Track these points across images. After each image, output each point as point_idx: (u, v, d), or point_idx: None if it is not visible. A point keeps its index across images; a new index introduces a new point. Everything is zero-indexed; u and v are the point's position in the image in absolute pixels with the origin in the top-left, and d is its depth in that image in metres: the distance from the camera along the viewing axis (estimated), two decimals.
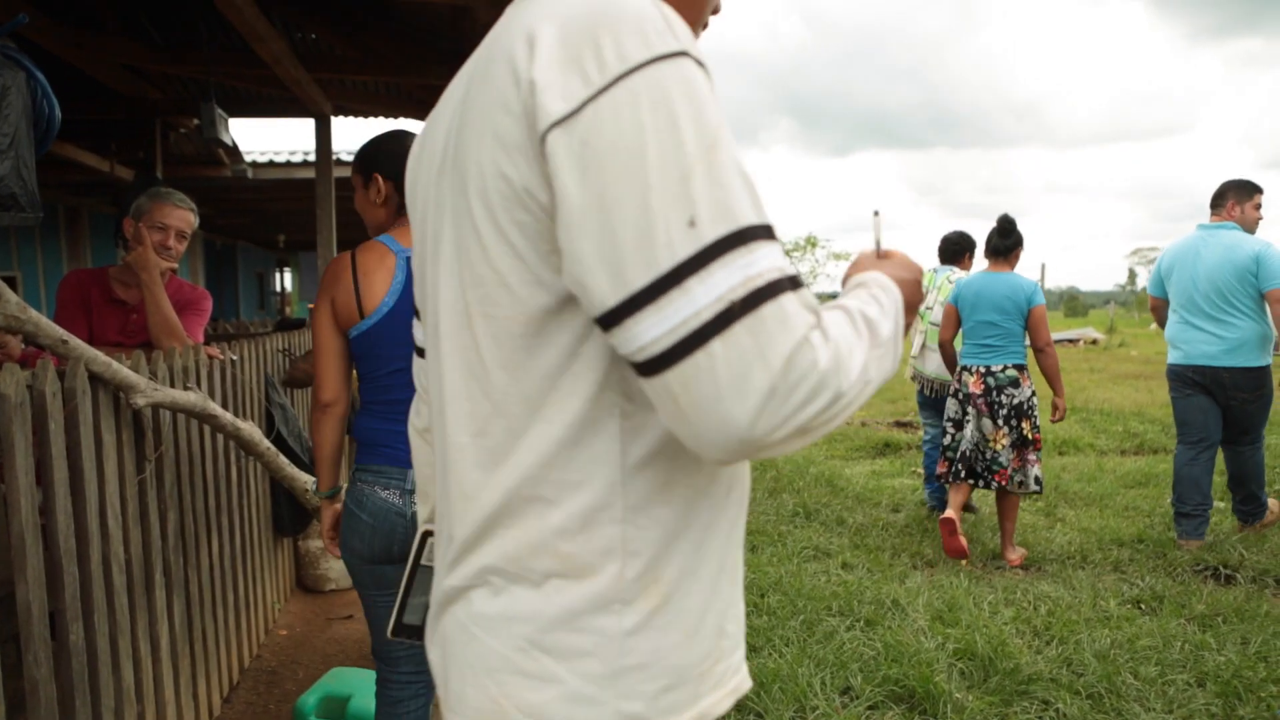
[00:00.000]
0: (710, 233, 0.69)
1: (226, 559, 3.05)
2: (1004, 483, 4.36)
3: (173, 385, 2.48)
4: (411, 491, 1.96)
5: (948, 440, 4.60)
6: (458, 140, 0.83)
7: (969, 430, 4.50)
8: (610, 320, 0.72)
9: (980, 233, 6.29)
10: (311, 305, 6.37)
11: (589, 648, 0.80)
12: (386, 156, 2.05)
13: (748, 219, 0.70)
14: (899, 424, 8.95)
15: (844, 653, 3.16)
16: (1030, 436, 4.41)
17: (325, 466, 2.11)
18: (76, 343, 1.98)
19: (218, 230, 14.53)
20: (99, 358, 2.04)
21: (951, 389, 4.67)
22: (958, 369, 4.64)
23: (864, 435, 8.09)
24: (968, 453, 4.49)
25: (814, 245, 34.32)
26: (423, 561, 1.17)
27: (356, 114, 6.64)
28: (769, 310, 0.68)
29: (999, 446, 4.39)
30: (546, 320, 0.79)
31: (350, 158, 8.85)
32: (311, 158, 7.34)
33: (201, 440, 2.82)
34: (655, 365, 0.70)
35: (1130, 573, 4.17)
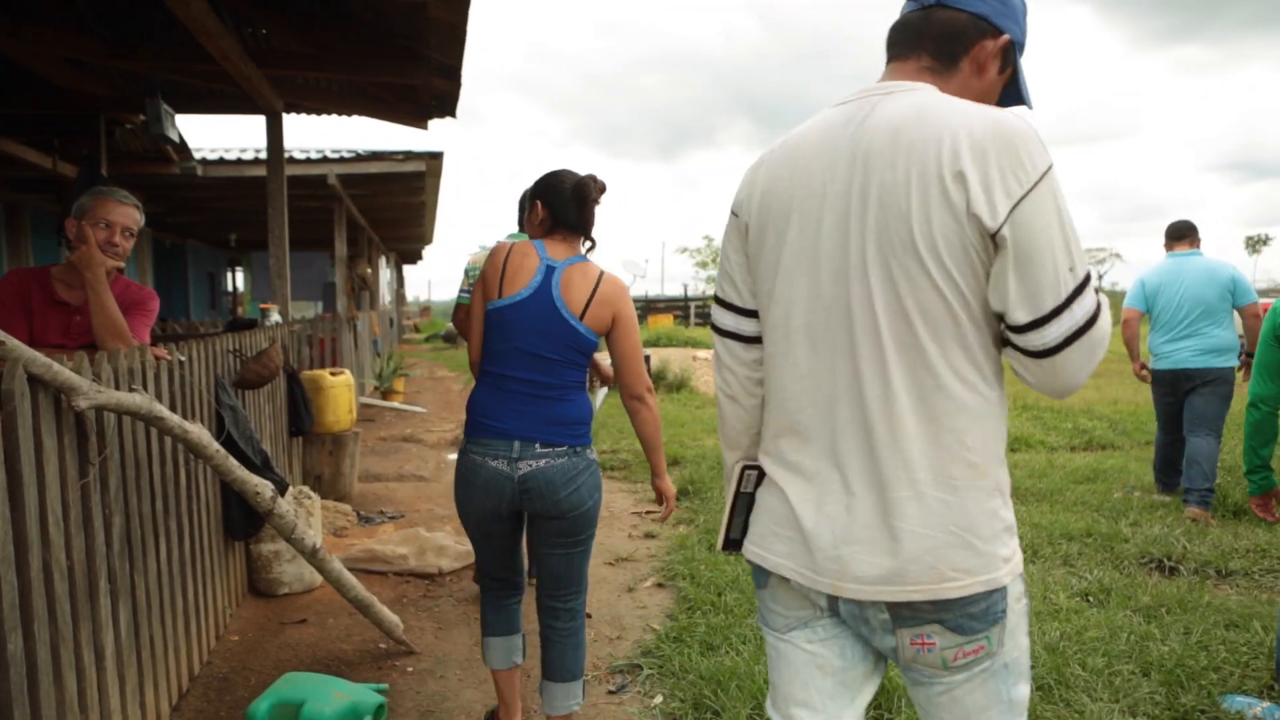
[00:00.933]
0: (1080, 273, 1.20)
1: (175, 564, 2.99)
2: None
3: (117, 387, 2.42)
4: (516, 459, 2.40)
5: None
6: (886, 201, 1.24)
7: None
8: (1022, 330, 1.22)
9: None
10: (264, 305, 6.26)
11: None
12: (546, 189, 2.53)
13: (1085, 260, 1.22)
14: None
15: None
16: None
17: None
18: (14, 343, 1.92)
19: (167, 229, 14.24)
20: (38, 359, 1.99)
21: None
22: None
23: None
24: None
25: None
26: (743, 490, 1.54)
27: (309, 111, 6.55)
28: (1102, 318, 1.22)
29: None
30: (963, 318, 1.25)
31: (302, 155, 8.75)
32: (263, 155, 7.21)
33: (148, 443, 2.76)
34: (1047, 354, 1.22)
35: (1079, 566, 4.26)
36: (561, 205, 2.48)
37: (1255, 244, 74.78)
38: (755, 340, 1.51)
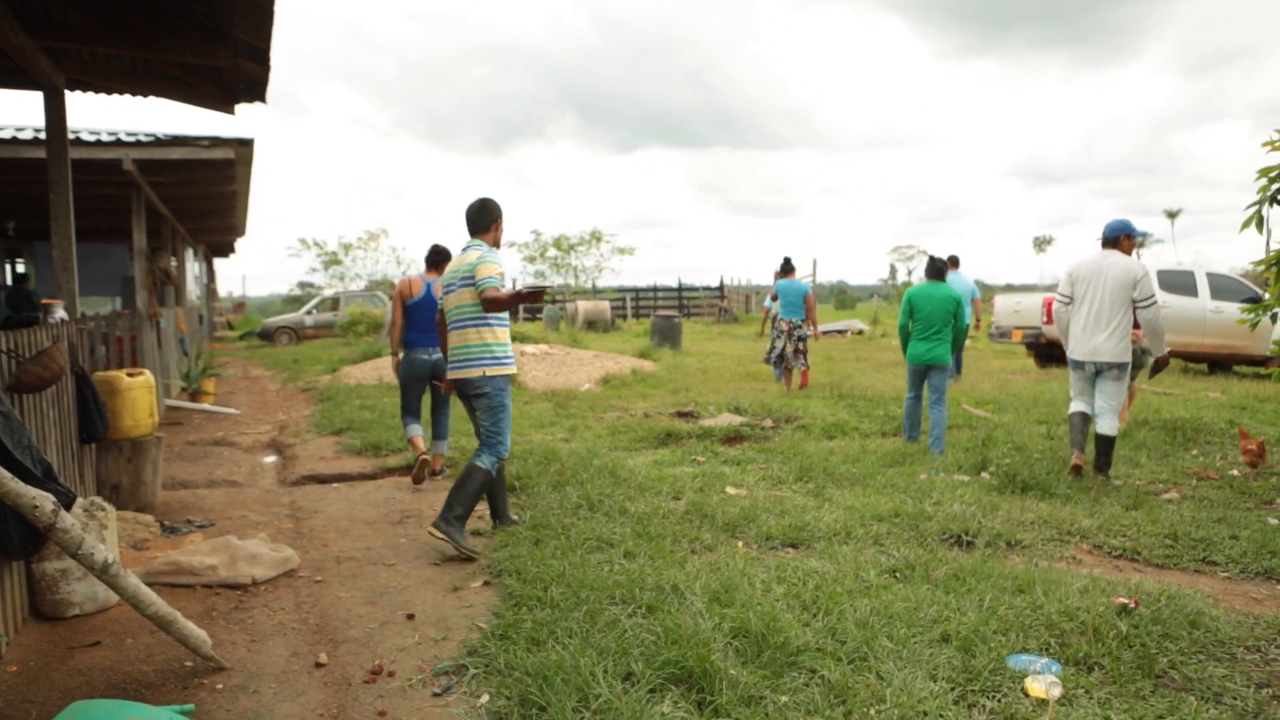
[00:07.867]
0: (1150, 292, 6.15)
1: None
2: (790, 365, 11.02)
3: None
4: (430, 356, 6.30)
5: (776, 350, 11.16)
6: (1113, 280, 6.10)
7: (780, 346, 11.02)
8: (1139, 303, 6.13)
9: (756, 231, 10.69)
10: (46, 300, 5.73)
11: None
12: (435, 255, 6.49)
13: (1153, 288, 6.36)
14: (680, 414, 9.24)
15: (626, 640, 3.22)
16: (801, 349, 10.93)
17: (395, 346, 6.53)
18: None
19: None
20: None
21: (776, 329, 11.18)
22: (777, 319, 11.12)
23: (646, 426, 8.26)
24: (781, 354, 11.06)
25: (599, 240, 34.75)
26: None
27: (98, 90, 6.02)
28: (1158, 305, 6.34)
29: (789, 351, 10.93)
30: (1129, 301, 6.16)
31: (92, 137, 8.05)
32: (44, 135, 6.58)
33: None
34: (1146, 307, 6.12)
35: (888, 545, 4.52)
36: (437, 260, 6.37)
37: (1041, 244, 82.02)
38: (1070, 303, 6.30)
